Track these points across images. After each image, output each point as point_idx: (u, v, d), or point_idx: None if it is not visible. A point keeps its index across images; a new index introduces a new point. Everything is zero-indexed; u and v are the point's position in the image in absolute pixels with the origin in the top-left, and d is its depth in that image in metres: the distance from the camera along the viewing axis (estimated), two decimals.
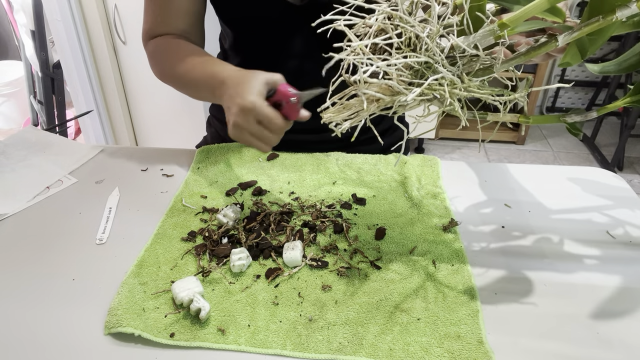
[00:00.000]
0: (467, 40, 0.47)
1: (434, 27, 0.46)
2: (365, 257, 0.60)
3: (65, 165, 0.81)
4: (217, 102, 0.67)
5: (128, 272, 0.58)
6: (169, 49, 0.74)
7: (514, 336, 0.51)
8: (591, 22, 0.43)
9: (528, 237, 0.65)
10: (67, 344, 0.50)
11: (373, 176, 0.77)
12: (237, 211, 0.66)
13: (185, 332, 0.50)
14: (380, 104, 0.47)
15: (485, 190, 0.75)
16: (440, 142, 2.73)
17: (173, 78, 0.74)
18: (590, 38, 0.45)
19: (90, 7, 1.79)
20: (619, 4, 0.41)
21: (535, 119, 0.55)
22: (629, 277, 0.58)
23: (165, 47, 0.75)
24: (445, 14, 0.47)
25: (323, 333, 0.50)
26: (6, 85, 2.47)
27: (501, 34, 0.45)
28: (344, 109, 0.51)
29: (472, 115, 0.52)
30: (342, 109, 0.51)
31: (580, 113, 0.53)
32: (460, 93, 0.46)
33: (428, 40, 0.45)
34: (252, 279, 0.57)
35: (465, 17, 0.47)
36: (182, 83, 0.73)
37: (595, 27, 0.43)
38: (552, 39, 0.46)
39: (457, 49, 0.47)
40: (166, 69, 0.75)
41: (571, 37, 0.44)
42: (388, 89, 0.46)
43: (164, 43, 0.75)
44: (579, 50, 0.46)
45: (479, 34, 0.46)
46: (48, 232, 0.66)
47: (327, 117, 0.52)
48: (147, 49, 0.78)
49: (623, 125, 2.39)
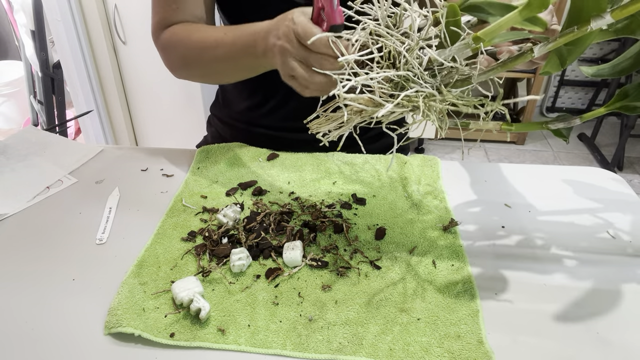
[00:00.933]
0: (444, 53, 0.48)
1: (413, 40, 0.47)
2: (365, 257, 0.60)
3: (65, 165, 0.81)
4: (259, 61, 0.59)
5: (128, 272, 0.58)
6: (191, 28, 0.68)
7: (514, 336, 0.51)
8: (566, 32, 0.43)
9: (528, 237, 0.65)
10: (67, 344, 0.50)
11: (373, 176, 0.77)
12: (237, 211, 0.66)
13: (185, 332, 0.50)
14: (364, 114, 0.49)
15: (485, 190, 0.76)
16: (440, 142, 2.73)
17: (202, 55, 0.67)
18: (567, 48, 0.45)
19: (90, 7, 1.79)
20: (594, 15, 0.41)
21: (518, 126, 0.56)
22: (629, 277, 0.58)
23: (186, 28, 0.69)
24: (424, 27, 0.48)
25: (323, 333, 0.50)
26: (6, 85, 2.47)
27: (477, 47, 0.46)
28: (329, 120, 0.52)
29: (454, 123, 0.53)
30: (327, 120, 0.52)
31: (565, 119, 0.53)
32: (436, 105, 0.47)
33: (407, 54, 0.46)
34: (252, 279, 0.57)
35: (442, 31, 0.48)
36: (215, 58, 0.65)
37: (571, 38, 0.43)
38: (529, 50, 0.46)
39: (435, 62, 0.48)
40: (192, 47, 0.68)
41: (547, 48, 0.45)
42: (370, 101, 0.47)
43: (183, 26, 0.70)
44: (559, 59, 0.47)
45: (455, 47, 0.48)
46: (48, 232, 0.66)
47: (315, 128, 0.53)
48: (159, 41, 0.72)
49: (623, 125, 2.40)
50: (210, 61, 0.67)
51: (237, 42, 0.62)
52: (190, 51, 0.68)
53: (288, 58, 0.53)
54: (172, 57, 0.72)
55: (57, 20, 1.80)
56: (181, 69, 0.72)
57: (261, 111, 0.85)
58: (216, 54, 0.65)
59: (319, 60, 0.51)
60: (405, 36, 0.48)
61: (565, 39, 0.43)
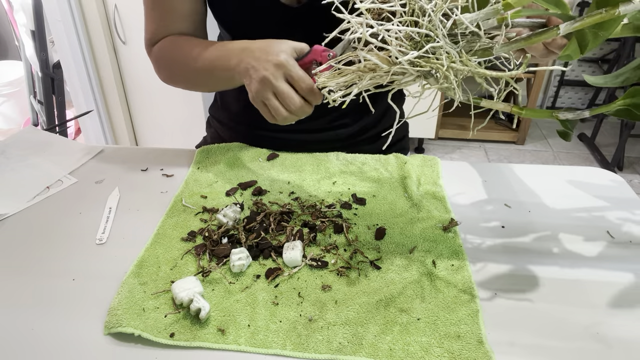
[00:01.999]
0: (471, 17, 0.47)
1: (439, 1, 0.46)
2: (365, 257, 0.60)
3: (65, 165, 0.81)
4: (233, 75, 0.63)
5: (128, 272, 0.58)
6: (177, 43, 0.73)
7: (514, 336, 0.51)
8: (593, 14, 0.43)
9: (528, 237, 0.65)
10: (67, 343, 0.50)
11: (373, 176, 0.77)
12: (237, 211, 0.66)
13: (185, 332, 0.50)
14: (376, 74, 0.47)
15: (485, 190, 0.75)
16: (440, 142, 2.73)
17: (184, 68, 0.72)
18: (592, 31, 0.45)
19: (90, 7, 1.79)
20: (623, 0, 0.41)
21: (529, 112, 0.55)
22: (629, 277, 0.58)
23: (173, 42, 0.74)
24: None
25: (323, 333, 0.50)
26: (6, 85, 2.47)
27: (505, 15, 0.45)
28: (338, 74, 0.50)
29: (467, 99, 0.51)
30: (336, 74, 0.50)
31: (573, 111, 0.53)
32: (457, 67, 0.46)
33: (432, 12, 0.45)
34: (252, 279, 0.57)
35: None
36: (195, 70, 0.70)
37: (598, 20, 0.43)
38: (555, 27, 0.46)
39: (459, 26, 0.47)
40: (176, 61, 0.73)
41: (573, 27, 0.44)
42: (386, 59, 0.46)
43: (171, 40, 0.74)
44: (580, 44, 0.46)
45: (483, 11, 0.47)
46: (48, 232, 0.66)
47: (321, 81, 0.51)
48: (152, 55, 0.77)
49: (623, 125, 2.39)
50: (191, 75, 0.73)
51: (215, 60, 0.67)
52: (175, 65, 0.74)
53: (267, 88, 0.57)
54: (162, 68, 0.77)
55: (57, 20, 1.80)
56: (169, 80, 0.78)
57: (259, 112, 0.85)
58: (196, 69, 0.70)
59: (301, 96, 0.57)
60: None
61: (592, 20, 0.43)
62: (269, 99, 0.57)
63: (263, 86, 0.57)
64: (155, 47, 0.76)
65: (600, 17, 0.43)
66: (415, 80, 0.48)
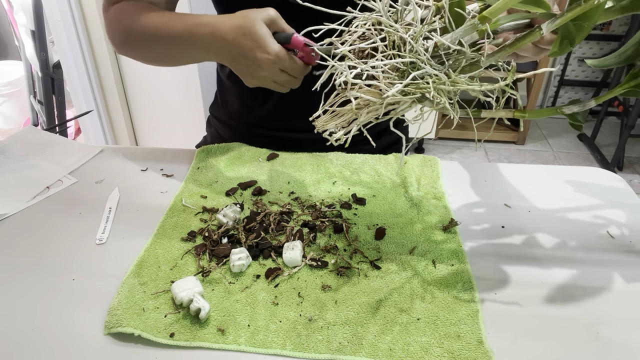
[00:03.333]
0: (450, 37, 0.47)
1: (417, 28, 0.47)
2: (365, 257, 0.60)
3: (65, 165, 0.81)
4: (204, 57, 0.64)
5: (128, 272, 0.58)
6: (137, 8, 0.68)
7: (514, 336, 0.51)
8: (573, 7, 0.43)
9: (528, 237, 0.65)
10: (67, 344, 0.50)
11: (373, 176, 0.77)
12: (237, 211, 0.66)
13: (185, 332, 0.50)
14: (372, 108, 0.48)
15: (485, 190, 0.75)
16: (440, 142, 2.73)
17: (142, 35, 0.67)
18: (575, 24, 0.45)
19: (90, 7, 1.79)
20: None
21: (532, 113, 0.55)
22: (629, 277, 0.58)
23: (132, 6, 0.69)
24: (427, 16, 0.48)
25: (323, 333, 0.50)
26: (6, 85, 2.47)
27: (483, 28, 0.45)
28: (336, 116, 0.51)
29: (465, 113, 0.52)
30: (333, 116, 0.51)
31: (578, 103, 0.53)
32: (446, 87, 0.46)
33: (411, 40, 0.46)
34: (252, 279, 0.57)
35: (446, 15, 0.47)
36: (155, 38, 0.66)
37: (579, 12, 0.43)
38: (537, 28, 0.46)
39: (441, 48, 0.47)
40: (133, 27, 0.68)
41: (555, 24, 0.44)
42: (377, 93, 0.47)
43: (131, 3, 0.69)
44: (566, 38, 0.46)
45: (461, 29, 0.47)
46: (48, 232, 0.66)
47: (320, 125, 0.53)
48: (108, 14, 0.71)
49: (623, 125, 2.39)
50: (149, 43, 0.68)
51: (180, 34, 0.64)
52: (132, 30, 0.68)
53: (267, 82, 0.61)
54: (115, 33, 0.71)
55: (57, 20, 1.80)
56: (122, 46, 0.72)
57: (259, 111, 0.85)
58: (158, 39, 0.66)
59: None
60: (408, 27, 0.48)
61: (572, 14, 0.43)
62: (269, 85, 0.62)
63: (264, 82, 0.61)
64: (114, 6, 0.71)
65: (580, 9, 0.42)
66: (411, 106, 0.49)
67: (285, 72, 0.60)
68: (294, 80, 0.62)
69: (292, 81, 0.62)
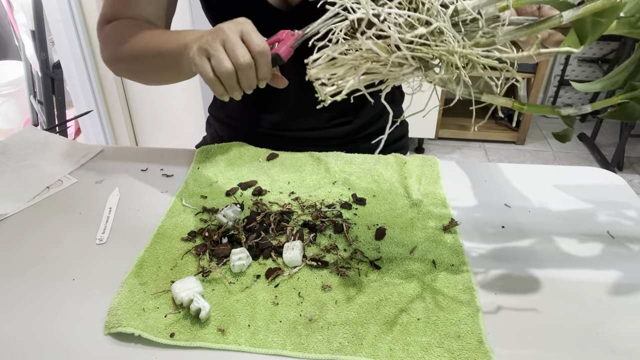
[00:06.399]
0: (472, 4, 0.46)
1: None
2: (365, 257, 0.60)
3: (65, 165, 0.81)
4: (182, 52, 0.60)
5: (128, 272, 0.58)
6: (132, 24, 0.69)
7: (514, 336, 0.51)
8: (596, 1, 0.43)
9: (528, 237, 0.65)
10: (67, 344, 0.50)
11: (373, 176, 0.77)
12: (237, 211, 0.66)
13: (185, 332, 0.50)
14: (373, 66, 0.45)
15: (485, 190, 0.75)
16: (440, 142, 2.73)
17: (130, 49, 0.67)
18: (593, 20, 0.45)
19: (90, 7, 1.79)
20: None
21: (530, 107, 0.54)
22: (629, 277, 0.58)
23: (125, 25, 0.70)
24: None
25: (323, 333, 0.50)
26: (6, 85, 2.47)
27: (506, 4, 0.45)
28: (333, 65, 0.47)
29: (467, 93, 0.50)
30: (331, 65, 0.47)
31: (575, 106, 0.53)
32: (464, 51, 0.45)
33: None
34: (252, 279, 0.57)
35: None
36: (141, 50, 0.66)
37: (600, 7, 0.43)
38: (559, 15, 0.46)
39: (460, 13, 0.46)
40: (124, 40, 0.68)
41: (576, 14, 0.44)
42: (385, 48, 0.45)
43: (124, 22, 0.70)
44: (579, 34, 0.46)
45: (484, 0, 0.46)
46: (48, 232, 0.66)
47: (314, 73, 0.48)
48: (101, 34, 0.72)
49: (623, 125, 2.39)
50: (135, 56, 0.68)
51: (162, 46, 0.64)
52: (122, 45, 0.69)
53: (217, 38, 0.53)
54: (107, 48, 0.72)
55: (57, 20, 1.80)
56: (111, 61, 0.72)
57: (257, 111, 0.85)
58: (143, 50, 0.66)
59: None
60: None
61: (594, 8, 0.43)
62: (217, 49, 0.53)
63: (214, 36, 0.53)
64: (108, 25, 0.72)
65: (602, 5, 0.43)
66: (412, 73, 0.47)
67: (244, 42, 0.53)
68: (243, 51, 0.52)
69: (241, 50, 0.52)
